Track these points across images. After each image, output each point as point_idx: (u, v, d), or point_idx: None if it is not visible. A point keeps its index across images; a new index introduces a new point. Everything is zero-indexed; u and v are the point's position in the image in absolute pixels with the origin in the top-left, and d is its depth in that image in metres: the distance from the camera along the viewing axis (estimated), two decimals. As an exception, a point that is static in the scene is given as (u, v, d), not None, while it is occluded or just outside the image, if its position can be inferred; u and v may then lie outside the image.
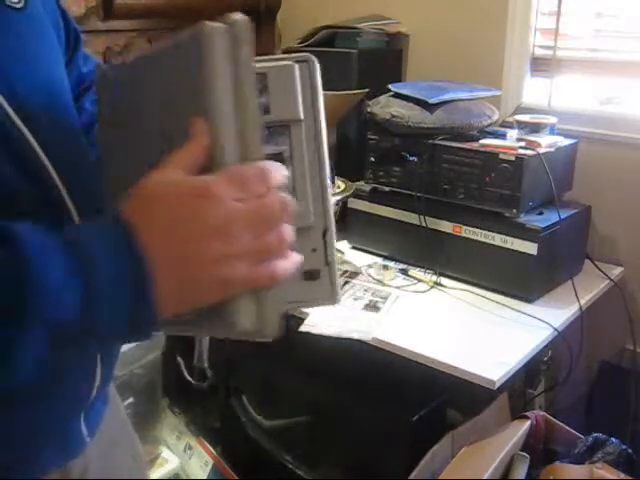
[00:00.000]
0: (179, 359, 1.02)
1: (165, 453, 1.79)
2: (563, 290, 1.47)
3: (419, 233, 1.52)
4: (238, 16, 0.52)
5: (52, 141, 0.62)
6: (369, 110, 1.60)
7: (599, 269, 1.59)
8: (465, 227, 1.47)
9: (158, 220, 0.49)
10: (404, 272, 1.52)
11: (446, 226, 1.50)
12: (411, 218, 1.53)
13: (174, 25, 2.02)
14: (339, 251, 1.55)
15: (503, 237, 1.41)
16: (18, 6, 0.63)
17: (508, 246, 1.40)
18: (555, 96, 1.81)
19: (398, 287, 1.47)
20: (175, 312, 0.50)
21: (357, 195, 1.61)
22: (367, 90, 1.80)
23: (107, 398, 0.81)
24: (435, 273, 1.50)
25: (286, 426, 1.70)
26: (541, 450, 1.34)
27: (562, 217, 1.43)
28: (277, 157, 0.57)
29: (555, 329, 1.32)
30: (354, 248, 1.64)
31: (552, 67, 1.81)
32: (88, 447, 0.76)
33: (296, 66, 0.60)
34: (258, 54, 0.57)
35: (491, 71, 1.81)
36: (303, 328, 1.27)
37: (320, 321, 1.31)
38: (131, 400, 1.63)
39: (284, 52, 2.05)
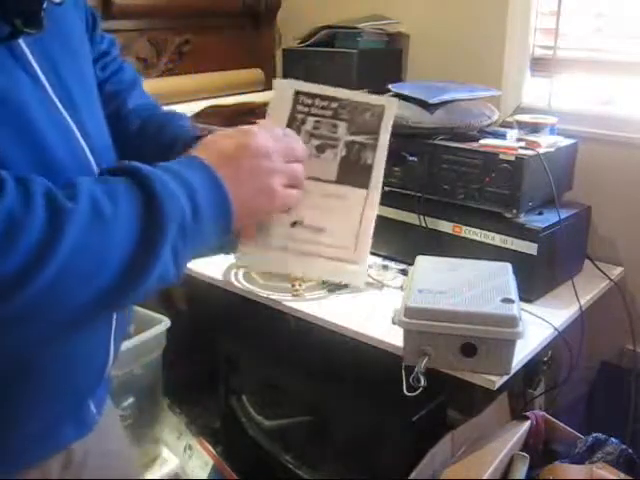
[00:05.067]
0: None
1: (165, 453, 1.79)
2: (563, 290, 1.47)
3: (419, 233, 1.52)
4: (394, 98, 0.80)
5: (90, 131, 0.69)
6: (369, 110, 1.60)
7: (599, 269, 1.59)
8: (465, 227, 1.47)
9: (216, 152, 0.66)
10: (404, 272, 1.52)
11: (446, 226, 1.50)
12: (411, 218, 1.54)
13: (174, 25, 2.02)
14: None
15: (503, 237, 1.41)
16: (58, 0, 0.66)
17: (508, 246, 1.40)
18: (555, 96, 1.81)
19: (398, 287, 1.47)
20: (244, 220, 0.68)
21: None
22: (367, 90, 1.80)
23: (110, 377, 0.85)
24: (435, 273, 1.50)
25: (286, 426, 1.70)
26: (541, 450, 1.34)
27: (562, 217, 1.43)
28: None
29: (555, 329, 1.32)
30: (354, 248, 1.64)
31: (552, 67, 1.81)
32: (96, 424, 0.79)
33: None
34: (258, 54, 0.65)
35: (491, 71, 1.81)
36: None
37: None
38: (131, 400, 1.63)
39: (284, 52, 2.05)
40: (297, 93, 0.76)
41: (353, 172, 0.75)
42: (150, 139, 0.82)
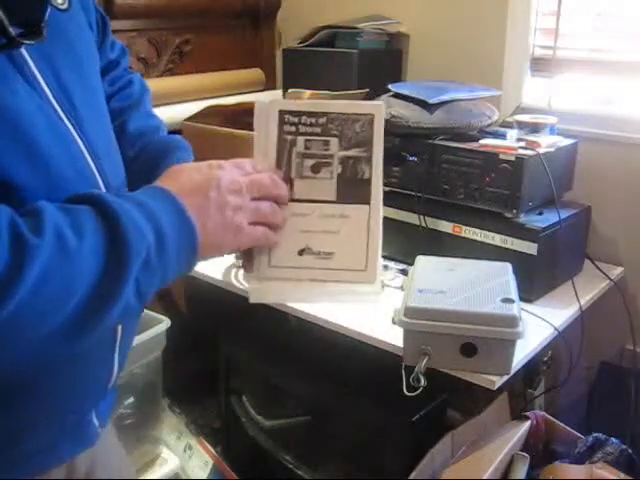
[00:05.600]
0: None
1: (165, 453, 1.79)
2: (563, 290, 1.47)
3: (419, 233, 1.52)
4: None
5: (99, 149, 0.68)
6: (369, 110, 1.60)
7: (599, 269, 1.59)
8: (465, 227, 1.47)
9: (182, 182, 0.64)
10: (404, 272, 1.52)
11: (446, 226, 1.50)
12: (411, 218, 1.54)
13: (174, 25, 2.02)
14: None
15: (503, 237, 1.41)
16: (63, 7, 0.65)
17: (508, 246, 1.40)
18: (555, 96, 1.81)
19: (398, 287, 1.47)
20: (208, 254, 0.65)
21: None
22: (367, 90, 1.80)
23: (116, 389, 0.83)
24: (435, 273, 1.50)
25: (286, 426, 1.70)
26: (541, 450, 1.34)
27: (562, 217, 1.43)
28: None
29: (556, 329, 1.32)
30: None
31: (552, 67, 1.81)
32: (99, 438, 0.78)
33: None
34: (258, 54, 0.63)
35: (491, 71, 1.81)
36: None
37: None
38: (131, 400, 1.63)
39: (284, 52, 2.05)
40: (281, 113, 0.73)
41: (352, 189, 0.73)
42: (144, 172, 0.79)
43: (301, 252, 0.73)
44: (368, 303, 0.77)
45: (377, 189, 0.73)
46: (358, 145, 0.73)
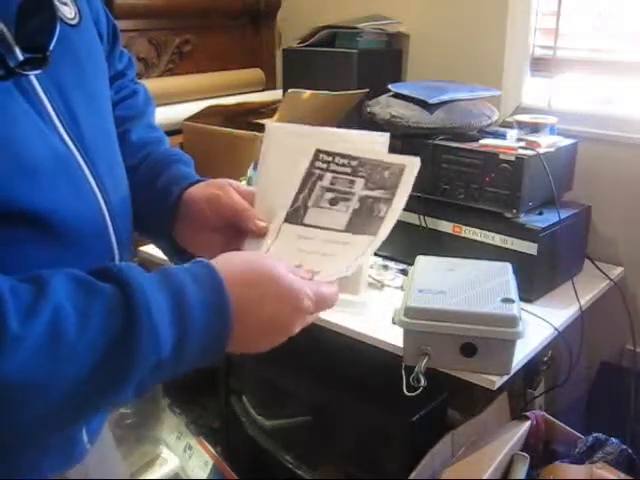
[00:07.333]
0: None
1: (165, 453, 1.79)
2: (563, 290, 1.47)
3: (419, 233, 1.52)
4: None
5: (101, 168, 0.66)
6: (369, 110, 1.60)
7: (599, 269, 1.59)
8: (465, 227, 1.47)
9: (253, 313, 0.59)
10: (404, 272, 1.52)
11: (446, 226, 1.50)
12: (411, 218, 1.53)
13: (174, 25, 2.02)
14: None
15: (503, 237, 1.41)
16: (73, 22, 0.64)
17: (508, 246, 1.40)
18: (555, 96, 1.81)
19: (398, 287, 1.47)
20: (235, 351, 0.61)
21: (357, 195, 1.60)
22: (367, 90, 1.80)
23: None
24: (435, 273, 1.50)
25: (286, 426, 1.70)
26: (541, 450, 1.34)
27: (562, 217, 1.43)
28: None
29: (555, 329, 1.32)
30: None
31: (552, 67, 1.81)
32: (88, 454, 0.76)
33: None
34: (258, 54, 0.62)
35: (491, 71, 1.81)
36: None
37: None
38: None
39: (284, 52, 2.05)
40: (317, 151, 0.75)
41: (363, 222, 0.73)
42: (143, 182, 0.78)
43: None
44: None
45: (387, 227, 0.72)
46: (383, 188, 0.74)
